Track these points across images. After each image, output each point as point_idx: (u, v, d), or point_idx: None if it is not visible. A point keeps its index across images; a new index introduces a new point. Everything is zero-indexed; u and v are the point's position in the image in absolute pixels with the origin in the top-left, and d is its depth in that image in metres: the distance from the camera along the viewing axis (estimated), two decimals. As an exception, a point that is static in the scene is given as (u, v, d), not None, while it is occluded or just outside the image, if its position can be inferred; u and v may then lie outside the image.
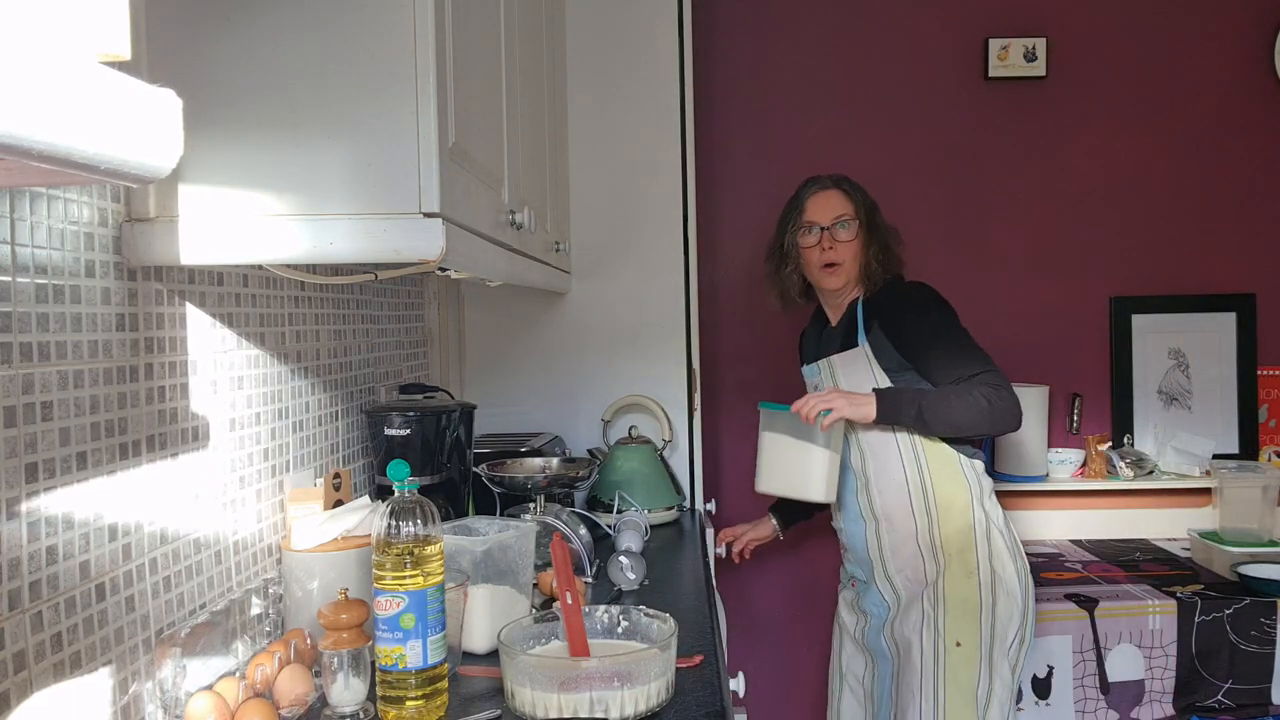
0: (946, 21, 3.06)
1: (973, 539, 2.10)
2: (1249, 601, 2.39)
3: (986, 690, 2.06)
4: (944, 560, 2.10)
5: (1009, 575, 2.09)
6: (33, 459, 1.00)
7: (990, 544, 2.11)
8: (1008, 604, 2.07)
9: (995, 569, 2.09)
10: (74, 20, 0.53)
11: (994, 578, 2.08)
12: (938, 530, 2.11)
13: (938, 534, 2.11)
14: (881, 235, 2.22)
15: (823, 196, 2.24)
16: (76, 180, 0.67)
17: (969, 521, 2.11)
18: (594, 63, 2.55)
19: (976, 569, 2.08)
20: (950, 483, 2.13)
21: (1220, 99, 3.07)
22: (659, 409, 2.55)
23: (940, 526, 2.11)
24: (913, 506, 2.14)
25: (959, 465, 2.13)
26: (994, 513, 2.16)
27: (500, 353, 2.64)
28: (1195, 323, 3.08)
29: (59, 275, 1.05)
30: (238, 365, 1.45)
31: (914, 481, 2.14)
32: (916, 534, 2.13)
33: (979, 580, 2.08)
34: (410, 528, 1.26)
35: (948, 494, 2.12)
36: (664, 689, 1.30)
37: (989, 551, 2.10)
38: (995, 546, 2.11)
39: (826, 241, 2.19)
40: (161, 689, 1.19)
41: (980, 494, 2.14)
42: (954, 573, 2.09)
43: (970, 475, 2.14)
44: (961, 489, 2.13)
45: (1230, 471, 2.73)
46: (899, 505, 2.15)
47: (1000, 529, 2.14)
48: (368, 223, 1.14)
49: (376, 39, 1.14)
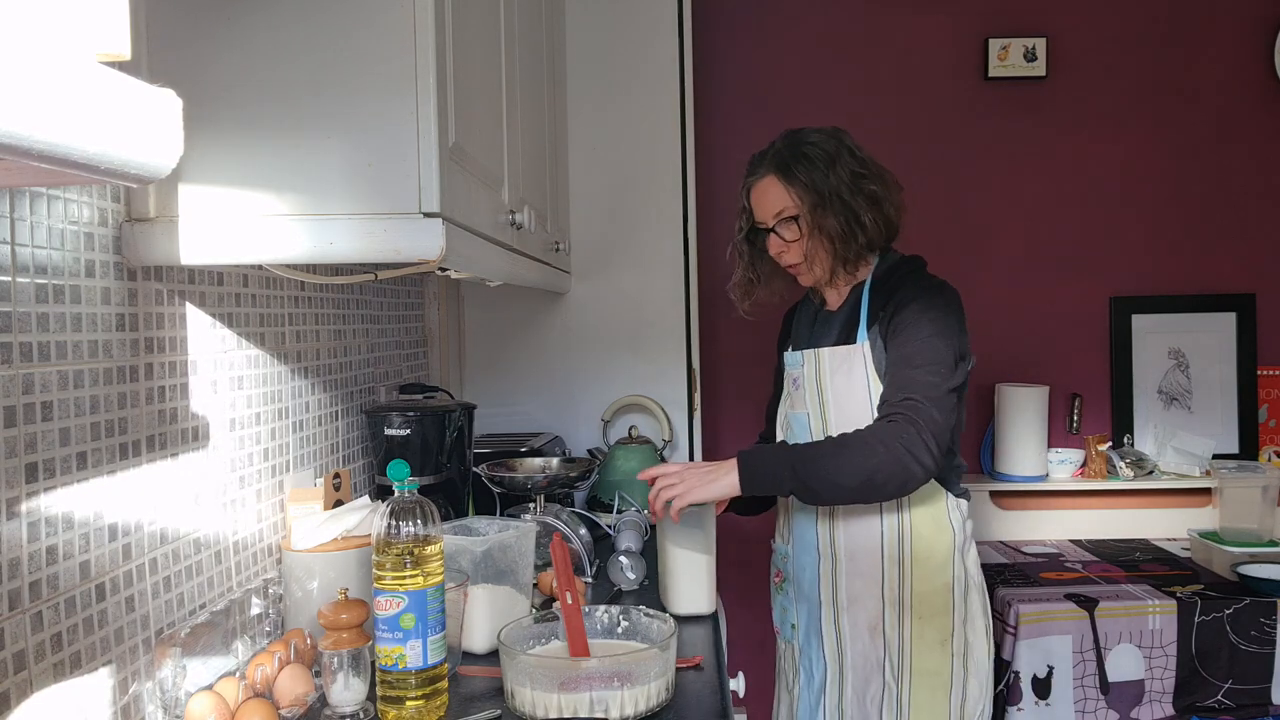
0: (946, 21, 3.06)
1: (950, 600, 1.75)
2: (1249, 601, 2.39)
3: None
4: (913, 624, 1.74)
5: (979, 642, 1.77)
6: (33, 459, 1.00)
7: (967, 606, 1.76)
8: (978, 676, 1.77)
9: (969, 638, 1.76)
10: (74, 20, 0.53)
11: (967, 647, 1.76)
12: (909, 586, 1.75)
13: (909, 591, 1.74)
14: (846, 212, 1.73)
15: (760, 189, 1.81)
16: (76, 180, 0.67)
17: (948, 579, 1.75)
18: (594, 63, 2.55)
19: (951, 636, 1.74)
20: (932, 529, 1.75)
21: (1220, 99, 3.07)
22: (659, 409, 2.55)
23: (914, 583, 1.74)
24: (884, 552, 1.76)
25: (945, 508, 1.76)
26: (973, 566, 1.80)
27: (500, 353, 2.64)
28: (1195, 323, 3.08)
29: (59, 275, 1.05)
30: (238, 365, 1.45)
31: (889, 523, 1.75)
32: (883, 585, 1.75)
33: (952, 649, 1.74)
34: (410, 528, 1.26)
35: (927, 543, 1.74)
36: (664, 689, 1.30)
37: (965, 615, 1.76)
38: (972, 609, 1.77)
39: (774, 245, 1.80)
40: (161, 689, 1.19)
41: (963, 544, 1.78)
42: (925, 640, 1.74)
43: (955, 522, 1.77)
44: (944, 538, 1.75)
45: (1230, 471, 2.73)
46: (866, 548, 1.76)
47: (979, 586, 1.80)
48: (368, 223, 1.14)
49: (376, 39, 1.14)
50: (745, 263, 1.89)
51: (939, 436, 1.61)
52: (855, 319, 1.80)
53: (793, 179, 1.76)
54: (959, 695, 1.74)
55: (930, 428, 1.60)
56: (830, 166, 1.75)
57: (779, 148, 1.81)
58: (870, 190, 1.76)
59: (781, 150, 1.80)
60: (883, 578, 1.76)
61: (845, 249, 1.75)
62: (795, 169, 1.76)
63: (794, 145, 1.79)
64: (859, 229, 1.74)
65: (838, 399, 1.79)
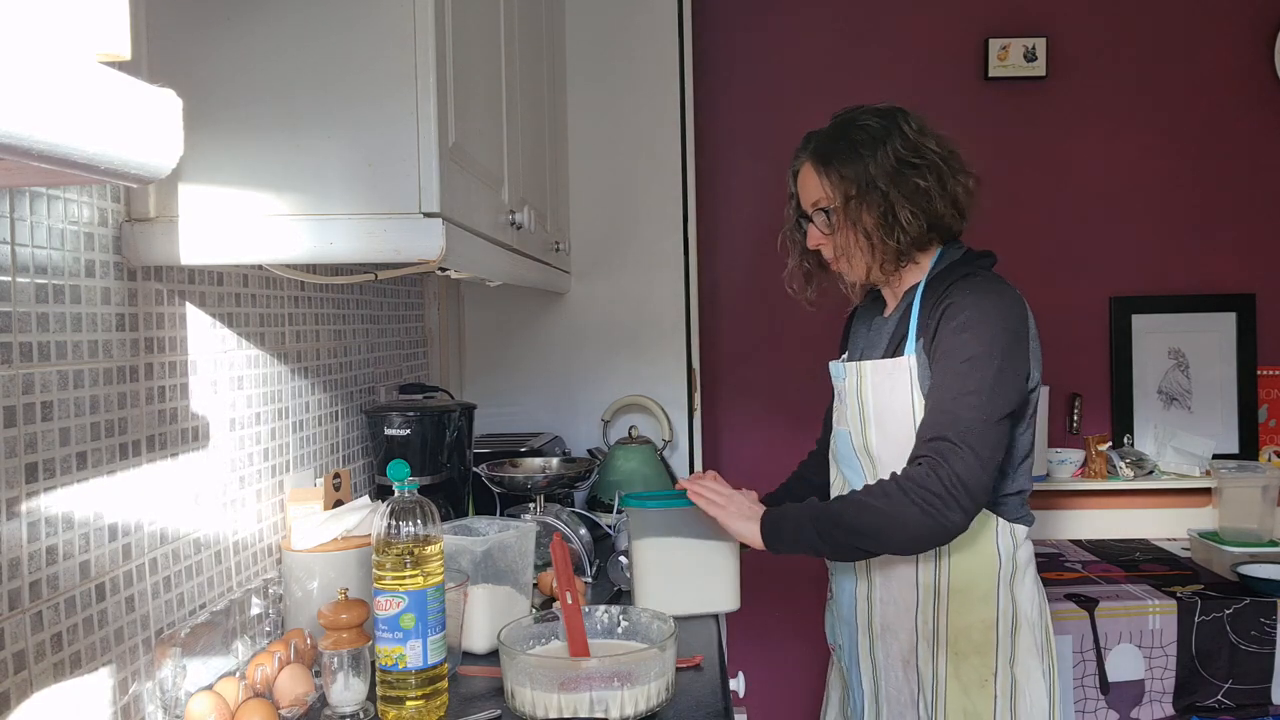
0: (946, 21, 3.06)
1: (993, 638, 1.57)
2: (1249, 601, 2.39)
3: None
4: (949, 661, 1.57)
5: (1032, 687, 1.57)
6: (33, 459, 1.00)
7: (1016, 644, 1.57)
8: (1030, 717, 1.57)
9: (1018, 679, 1.57)
10: (74, 20, 0.53)
11: (1015, 689, 1.56)
12: (945, 620, 1.58)
13: (945, 625, 1.58)
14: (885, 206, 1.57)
15: (800, 176, 1.69)
16: (76, 180, 0.67)
17: (991, 615, 1.57)
18: (594, 62, 2.55)
19: (994, 677, 1.56)
20: (973, 558, 1.57)
21: (1220, 99, 3.07)
22: (659, 409, 2.55)
23: (950, 616, 1.57)
24: (918, 579, 1.60)
25: (992, 534, 1.57)
26: (1026, 600, 1.59)
27: (500, 353, 2.64)
28: (1195, 323, 3.08)
29: (59, 275, 1.05)
30: (238, 365, 1.45)
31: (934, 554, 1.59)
32: (916, 616, 1.60)
33: (995, 691, 1.56)
34: (410, 528, 1.26)
35: (966, 574, 1.57)
36: (664, 689, 1.30)
37: (1012, 654, 1.57)
38: (1021, 647, 1.58)
39: (812, 236, 1.67)
40: (161, 689, 1.19)
41: (1012, 575, 1.58)
42: (962, 679, 1.57)
43: (1004, 549, 1.58)
44: (987, 569, 1.57)
45: (1230, 471, 2.73)
46: (901, 573, 1.61)
47: (1031, 621, 1.59)
48: (368, 223, 1.14)
49: (376, 39, 1.14)
50: (797, 251, 1.74)
51: (972, 482, 1.44)
52: (905, 328, 1.62)
53: (828, 168, 1.61)
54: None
55: (963, 475, 1.43)
56: (873, 154, 1.58)
57: (825, 131, 1.66)
58: (915, 184, 1.57)
59: (825, 134, 1.65)
60: (916, 607, 1.59)
61: (883, 248, 1.59)
62: (833, 157, 1.61)
63: (839, 129, 1.64)
64: (896, 226, 1.57)
65: (880, 416, 1.61)
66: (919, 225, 1.59)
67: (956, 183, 1.63)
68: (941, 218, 1.61)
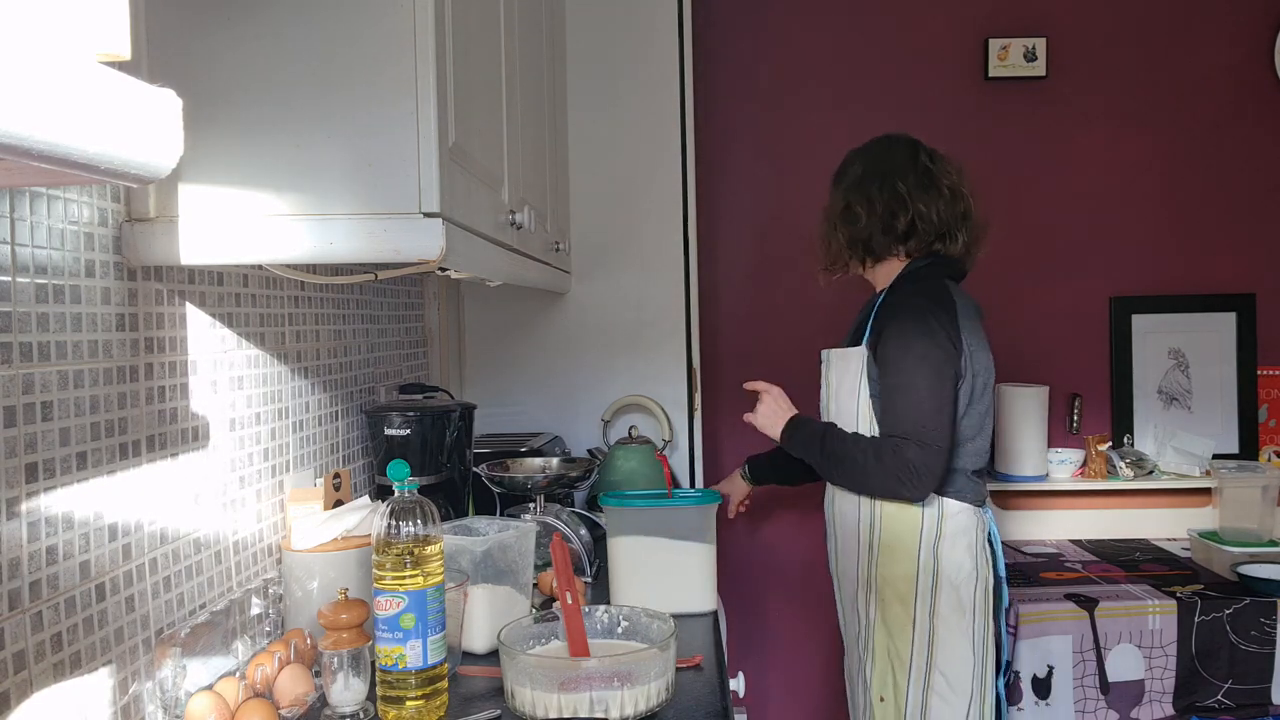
0: (946, 21, 3.06)
1: (913, 590, 1.85)
2: (1249, 601, 2.39)
3: None
4: (878, 606, 1.88)
5: (955, 642, 1.84)
6: (33, 459, 1.00)
7: (936, 599, 1.84)
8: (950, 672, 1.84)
9: (938, 630, 1.84)
10: (74, 20, 0.53)
11: (933, 639, 1.83)
12: (876, 570, 1.88)
13: (875, 574, 1.88)
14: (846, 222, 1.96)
15: None
16: (76, 180, 0.67)
17: (913, 570, 1.85)
18: (594, 63, 2.55)
19: (913, 624, 1.84)
20: (899, 520, 1.87)
21: (1220, 99, 3.07)
22: (659, 409, 2.55)
23: (879, 567, 1.88)
24: (859, 537, 1.91)
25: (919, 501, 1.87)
26: (948, 561, 1.86)
27: (500, 353, 2.64)
28: (1195, 323, 3.08)
29: (59, 275, 1.05)
30: (238, 365, 1.45)
31: (864, 509, 1.90)
32: (858, 566, 1.92)
33: (913, 635, 1.84)
34: (410, 528, 1.26)
35: (894, 531, 1.86)
36: (664, 689, 1.30)
37: (932, 606, 1.84)
38: (942, 602, 1.84)
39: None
40: (161, 689, 1.19)
41: (936, 537, 1.86)
42: (887, 622, 1.86)
43: (928, 515, 1.86)
44: (911, 530, 1.86)
45: (1230, 471, 2.73)
46: (849, 529, 1.94)
47: (954, 583, 1.86)
48: (368, 223, 1.14)
49: (376, 39, 1.14)
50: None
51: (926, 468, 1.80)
52: (865, 324, 1.96)
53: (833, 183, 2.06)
54: (920, 680, 1.85)
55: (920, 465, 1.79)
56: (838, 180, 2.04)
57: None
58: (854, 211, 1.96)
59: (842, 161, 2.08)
60: (858, 559, 1.92)
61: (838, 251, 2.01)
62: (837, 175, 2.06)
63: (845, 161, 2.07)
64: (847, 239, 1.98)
65: (838, 398, 1.98)
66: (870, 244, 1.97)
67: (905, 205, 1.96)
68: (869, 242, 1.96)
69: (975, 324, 1.93)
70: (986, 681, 1.89)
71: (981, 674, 1.87)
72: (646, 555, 1.70)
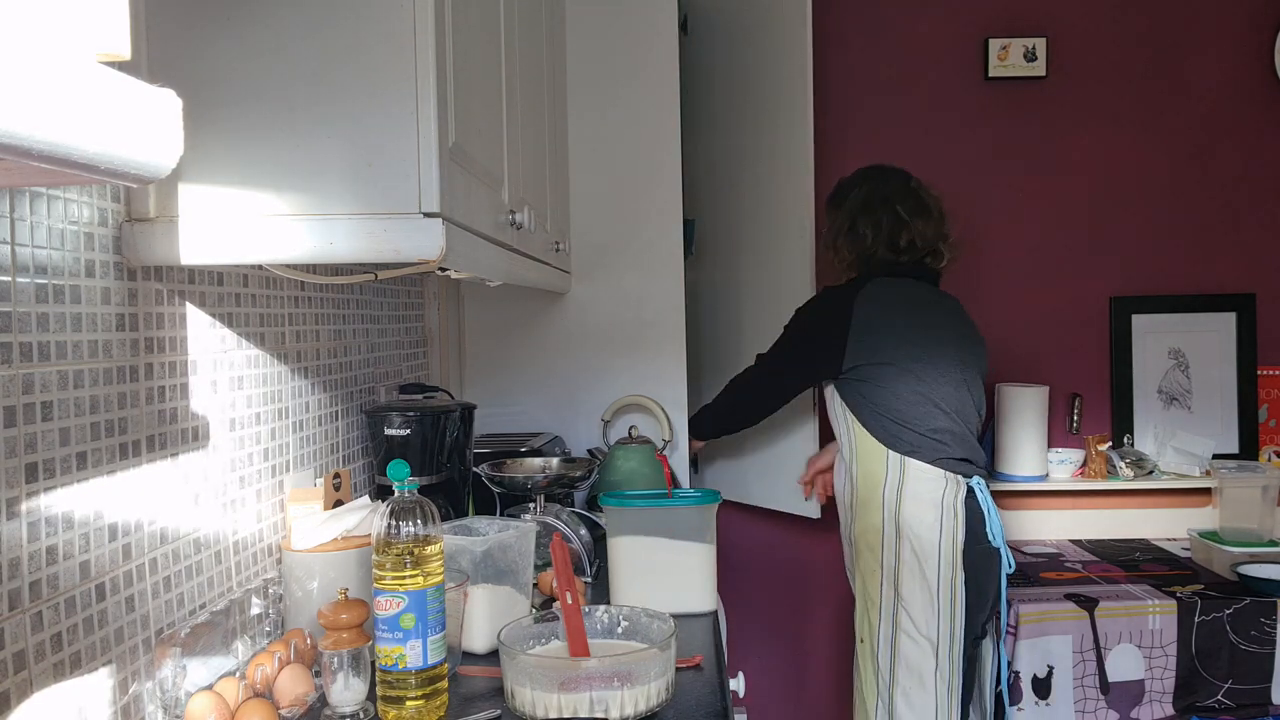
0: (946, 21, 3.06)
1: (880, 540, 2.13)
2: (1249, 601, 2.39)
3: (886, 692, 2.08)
4: (857, 555, 2.18)
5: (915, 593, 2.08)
6: (33, 459, 1.00)
7: (899, 547, 2.10)
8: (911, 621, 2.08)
9: (901, 574, 2.10)
10: (74, 20, 0.53)
11: (898, 586, 2.10)
12: (854, 525, 2.19)
13: (854, 528, 2.19)
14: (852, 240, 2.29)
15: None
16: (76, 180, 0.67)
17: (878, 521, 2.12)
18: (594, 62, 2.55)
19: (880, 568, 2.12)
20: (869, 476, 2.15)
21: (1220, 99, 3.07)
22: (659, 409, 2.54)
23: (857, 520, 2.18)
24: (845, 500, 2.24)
25: (884, 459, 2.13)
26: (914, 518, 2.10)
27: (500, 353, 2.64)
28: (1195, 323, 3.08)
29: (59, 275, 1.05)
30: (238, 365, 1.45)
31: (847, 473, 2.21)
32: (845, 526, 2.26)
33: (881, 579, 2.12)
34: (410, 528, 1.26)
35: (866, 487, 2.16)
36: (664, 689, 1.30)
37: (896, 554, 2.10)
38: (905, 552, 2.10)
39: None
40: (161, 689, 1.19)
41: (899, 493, 2.11)
42: (861, 567, 2.16)
43: (894, 472, 2.13)
44: (874, 485, 2.14)
45: (1230, 471, 2.73)
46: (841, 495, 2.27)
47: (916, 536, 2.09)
48: (368, 223, 1.14)
49: (377, 39, 1.14)
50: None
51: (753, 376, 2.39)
52: None
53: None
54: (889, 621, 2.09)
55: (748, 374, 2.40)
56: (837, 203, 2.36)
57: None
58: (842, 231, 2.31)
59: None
60: (847, 519, 2.23)
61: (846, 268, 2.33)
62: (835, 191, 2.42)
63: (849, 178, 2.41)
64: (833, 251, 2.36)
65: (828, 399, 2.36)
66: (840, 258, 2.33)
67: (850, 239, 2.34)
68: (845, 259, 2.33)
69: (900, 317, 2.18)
70: (955, 630, 2.09)
71: (948, 620, 2.08)
72: (646, 555, 1.70)
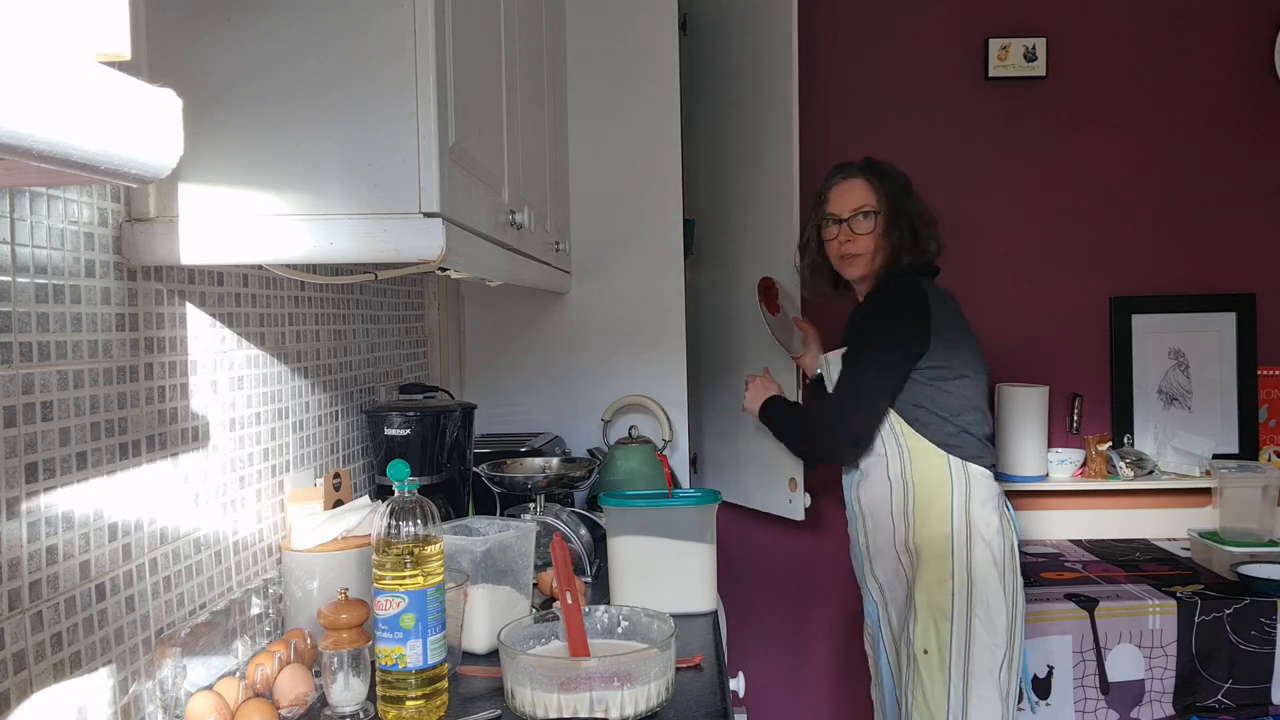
0: (946, 21, 3.06)
1: (949, 546, 2.00)
2: (1249, 601, 2.39)
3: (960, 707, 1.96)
4: (917, 564, 2.02)
5: (991, 591, 1.98)
6: (33, 459, 1.00)
7: (970, 553, 1.99)
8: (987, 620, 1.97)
9: (975, 581, 1.98)
10: (74, 20, 0.53)
11: (971, 589, 1.98)
12: (913, 534, 2.04)
13: (913, 537, 2.04)
14: (908, 223, 2.13)
15: (844, 187, 2.19)
16: (76, 180, 0.67)
17: (948, 527, 2.01)
18: (594, 62, 2.55)
19: (951, 576, 1.99)
20: (931, 484, 2.03)
21: (1220, 99, 3.07)
22: (659, 409, 2.54)
23: (917, 530, 2.03)
24: (893, 508, 2.07)
25: (946, 466, 2.03)
26: (983, 521, 2.02)
27: (500, 353, 2.64)
28: (1195, 323, 3.08)
29: (59, 275, 1.05)
30: (238, 365, 1.45)
31: (897, 481, 2.06)
32: (894, 537, 2.07)
33: (953, 589, 1.98)
34: (410, 528, 1.26)
35: (927, 495, 2.03)
36: (664, 689, 1.30)
37: (968, 562, 1.99)
38: (978, 557, 1.99)
39: (844, 234, 2.16)
40: (161, 689, 1.19)
41: (966, 498, 2.02)
42: (926, 578, 2.00)
43: (958, 477, 2.03)
44: (943, 491, 2.02)
45: (1230, 471, 2.73)
46: (881, 505, 2.08)
47: (986, 539, 2.01)
48: (368, 223, 1.14)
49: (377, 39, 1.14)
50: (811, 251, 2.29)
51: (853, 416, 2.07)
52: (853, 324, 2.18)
53: (878, 183, 2.16)
54: (962, 628, 1.97)
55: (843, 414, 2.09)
56: (906, 191, 2.18)
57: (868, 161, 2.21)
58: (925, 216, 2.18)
59: (871, 163, 2.20)
60: (894, 529, 2.07)
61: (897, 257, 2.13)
62: (881, 176, 2.17)
63: (880, 164, 2.20)
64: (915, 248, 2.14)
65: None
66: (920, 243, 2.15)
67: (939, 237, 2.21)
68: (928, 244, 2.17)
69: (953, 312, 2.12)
70: (1017, 631, 2.02)
71: (1015, 623, 2.01)
72: (646, 555, 1.70)
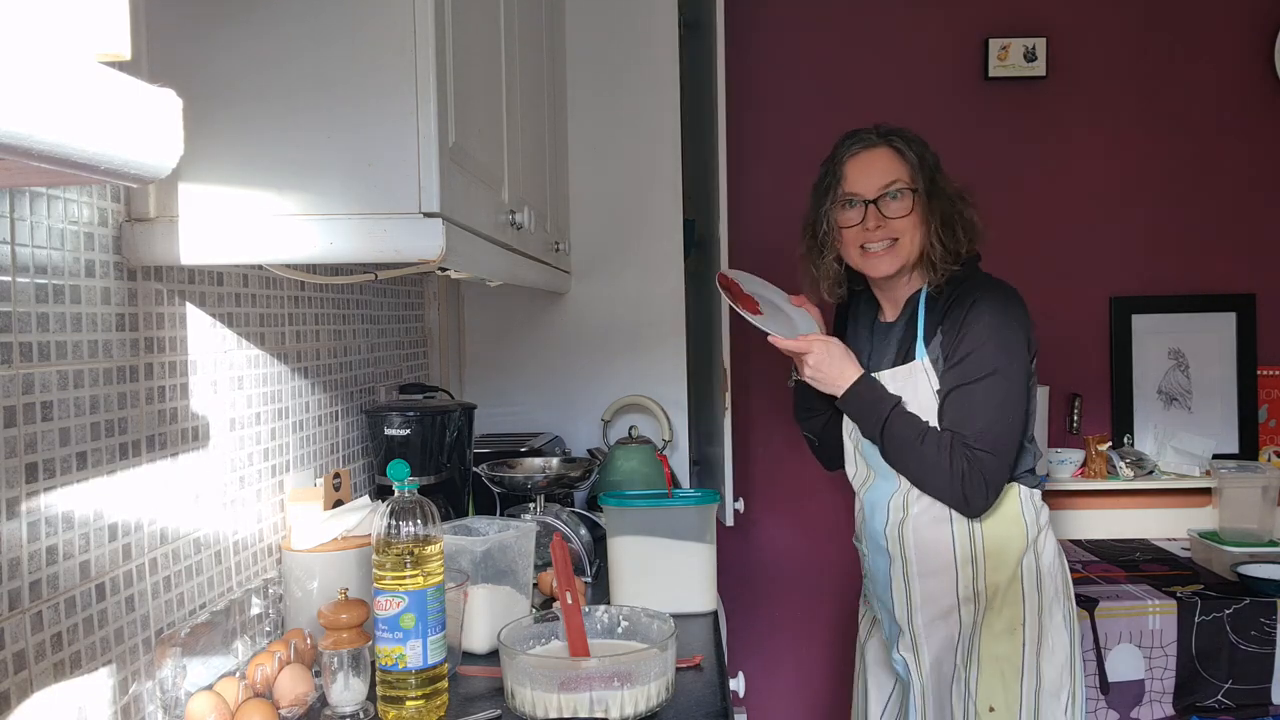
0: (946, 21, 3.06)
1: (1020, 591, 1.73)
2: (1249, 601, 2.39)
3: None
4: (982, 612, 1.73)
5: (1056, 627, 1.73)
6: (33, 459, 1.00)
7: (1040, 595, 1.73)
8: (1053, 661, 1.72)
9: (1043, 624, 1.73)
10: (74, 20, 0.53)
11: (1040, 633, 1.72)
12: (984, 580, 1.73)
13: (983, 584, 1.73)
14: (946, 205, 1.73)
15: (866, 158, 1.75)
16: (76, 180, 0.67)
17: (1019, 572, 1.73)
18: (594, 62, 2.55)
19: (1022, 624, 1.72)
20: (1003, 524, 1.73)
21: (1220, 99, 3.07)
22: (659, 409, 2.54)
23: (988, 575, 1.73)
24: (955, 553, 1.74)
25: (1018, 503, 1.74)
26: (1047, 554, 1.77)
27: (500, 353, 2.64)
28: (1195, 323, 3.08)
29: (59, 275, 1.05)
30: (238, 365, 1.45)
31: (959, 527, 1.73)
32: (957, 583, 1.74)
33: (1024, 638, 1.71)
34: (410, 528, 1.26)
35: (1000, 539, 1.73)
36: (664, 689, 1.30)
37: (1038, 605, 1.73)
38: (1045, 597, 1.74)
39: (873, 218, 1.73)
40: (161, 689, 1.19)
41: (1037, 536, 1.76)
42: (993, 627, 1.72)
43: (1029, 515, 1.75)
44: (1017, 534, 1.73)
45: (1230, 471, 2.73)
46: (940, 549, 1.74)
47: (1052, 572, 1.76)
48: (368, 223, 1.14)
49: (376, 39, 1.14)
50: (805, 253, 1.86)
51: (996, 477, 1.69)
52: (913, 332, 1.76)
53: (907, 152, 1.74)
54: (1032, 680, 1.71)
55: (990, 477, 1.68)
56: (937, 164, 1.78)
57: (887, 128, 1.78)
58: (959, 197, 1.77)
59: (892, 130, 1.78)
60: (956, 575, 1.74)
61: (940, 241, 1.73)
62: (910, 144, 1.75)
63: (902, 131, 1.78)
64: (958, 227, 1.74)
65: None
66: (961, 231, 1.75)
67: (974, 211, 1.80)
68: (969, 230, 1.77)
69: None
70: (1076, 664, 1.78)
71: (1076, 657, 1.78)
72: (646, 555, 1.70)
